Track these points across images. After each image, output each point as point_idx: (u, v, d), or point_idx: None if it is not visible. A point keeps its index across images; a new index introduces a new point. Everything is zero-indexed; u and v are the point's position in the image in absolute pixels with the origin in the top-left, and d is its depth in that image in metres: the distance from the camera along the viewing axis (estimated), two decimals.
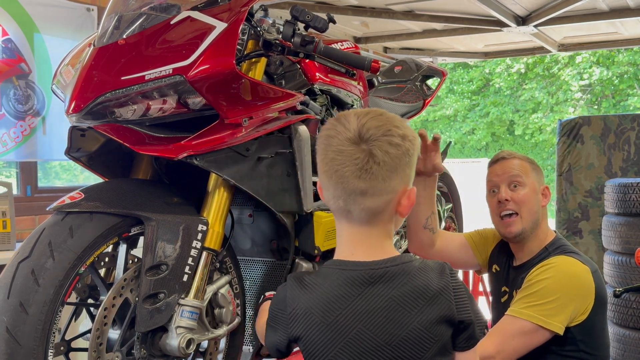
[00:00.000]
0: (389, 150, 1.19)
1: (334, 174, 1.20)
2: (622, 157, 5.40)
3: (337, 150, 1.20)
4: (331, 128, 1.23)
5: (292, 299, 1.23)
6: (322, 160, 1.24)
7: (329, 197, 1.25)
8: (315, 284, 1.23)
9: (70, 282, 1.43)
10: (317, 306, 1.21)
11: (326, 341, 1.19)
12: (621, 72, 15.59)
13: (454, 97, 18.04)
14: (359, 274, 1.21)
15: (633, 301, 3.82)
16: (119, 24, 1.64)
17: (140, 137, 1.59)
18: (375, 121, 1.20)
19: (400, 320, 1.20)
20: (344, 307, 1.20)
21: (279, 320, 1.26)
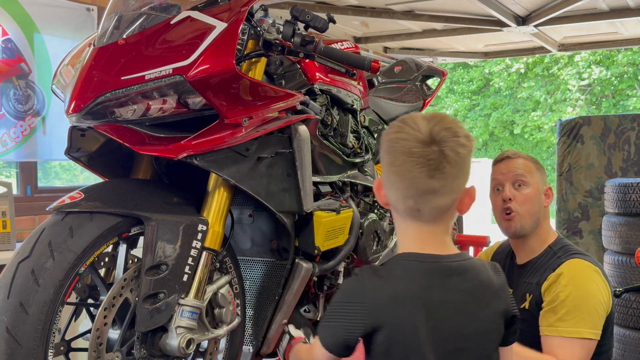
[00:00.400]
0: (458, 151, 1.24)
1: (407, 175, 1.24)
2: (622, 157, 5.40)
3: (409, 152, 1.23)
4: (400, 131, 1.26)
5: (373, 289, 1.24)
6: (392, 162, 1.27)
7: (397, 197, 1.29)
8: (394, 275, 1.26)
9: (70, 282, 1.43)
10: (402, 295, 1.23)
11: (413, 329, 1.22)
12: (621, 72, 15.59)
13: (454, 97, 18.04)
14: (438, 266, 1.27)
15: (633, 301, 3.82)
16: (119, 24, 1.64)
17: (140, 137, 1.59)
18: (443, 123, 1.26)
19: (471, 312, 1.26)
20: (426, 296, 1.24)
21: (351, 313, 1.24)
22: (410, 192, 1.25)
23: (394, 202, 1.30)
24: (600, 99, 16.37)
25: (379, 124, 2.65)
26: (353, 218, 2.07)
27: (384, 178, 1.31)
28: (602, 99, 16.33)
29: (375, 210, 2.36)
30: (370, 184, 2.29)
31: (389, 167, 1.28)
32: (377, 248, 2.30)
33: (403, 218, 1.30)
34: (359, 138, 2.27)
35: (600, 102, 16.33)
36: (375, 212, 2.33)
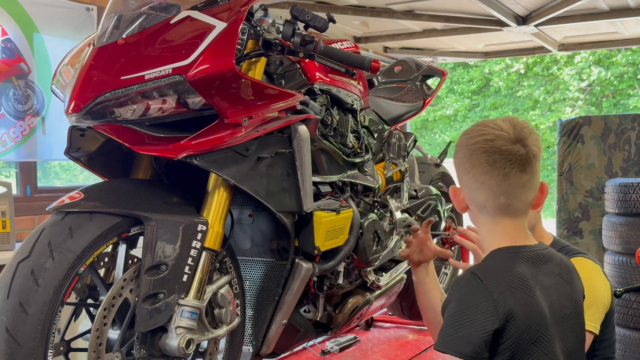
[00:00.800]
0: (538, 146, 1.36)
1: (500, 172, 1.33)
2: (622, 157, 5.40)
3: (500, 151, 1.33)
4: (484, 134, 1.35)
5: (493, 283, 1.27)
6: (481, 163, 1.35)
7: (486, 197, 1.36)
8: (504, 268, 1.31)
9: (70, 282, 1.43)
10: (522, 282, 1.29)
11: (540, 312, 1.28)
12: (621, 73, 15.58)
13: (454, 97, 18.03)
14: (534, 254, 1.36)
15: (633, 301, 3.82)
16: (119, 23, 1.64)
17: (140, 137, 1.59)
18: (519, 123, 1.37)
19: (566, 292, 1.37)
20: (537, 282, 1.31)
21: (480, 313, 1.25)
22: (503, 188, 1.33)
23: (482, 203, 1.37)
24: (601, 99, 16.37)
25: (379, 124, 2.65)
26: (353, 218, 2.07)
27: (467, 182, 1.39)
28: (603, 99, 16.33)
29: (375, 210, 2.36)
30: (370, 184, 2.28)
31: (477, 168, 1.35)
32: (377, 248, 2.29)
33: (492, 216, 1.38)
34: (359, 138, 2.27)
35: (601, 102, 16.33)
36: (375, 212, 2.33)
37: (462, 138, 1.40)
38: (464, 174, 1.39)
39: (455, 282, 1.34)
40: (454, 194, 1.45)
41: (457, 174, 1.43)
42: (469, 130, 1.40)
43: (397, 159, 2.56)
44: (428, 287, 2.01)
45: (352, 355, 2.69)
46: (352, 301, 2.34)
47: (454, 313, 1.28)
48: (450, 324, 1.27)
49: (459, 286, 1.31)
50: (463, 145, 1.39)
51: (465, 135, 1.40)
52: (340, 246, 2.04)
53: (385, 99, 2.89)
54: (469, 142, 1.37)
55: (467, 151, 1.37)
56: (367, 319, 3.05)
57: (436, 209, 2.92)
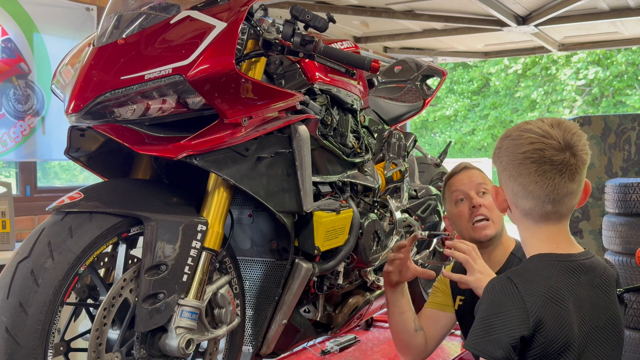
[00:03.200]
0: (587, 152, 1.36)
1: (549, 182, 1.32)
2: (622, 157, 5.40)
3: (551, 161, 1.32)
4: (534, 141, 1.33)
5: (528, 291, 1.28)
6: (529, 173, 1.33)
7: (534, 205, 1.35)
8: (543, 275, 1.31)
9: (70, 282, 1.43)
10: (556, 293, 1.29)
11: (569, 325, 1.28)
12: (620, 72, 15.58)
13: (454, 97, 18.03)
14: (575, 264, 1.34)
15: (633, 301, 3.81)
16: (119, 23, 1.64)
17: (139, 137, 1.59)
18: (569, 128, 1.35)
19: (603, 305, 1.36)
20: (572, 294, 1.31)
21: (511, 318, 1.26)
22: (551, 197, 1.33)
23: (527, 209, 1.36)
24: (600, 99, 16.36)
25: (379, 124, 2.65)
26: (353, 218, 2.07)
27: (512, 188, 1.37)
28: (602, 98, 16.32)
29: (375, 210, 2.36)
30: (370, 184, 2.28)
31: (526, 178, 1.34)
32: (377, 248, 2.29)
33: (536, 222, 1.37)
34: (358, 138, 2.27)
35: (600, 102, 16.32)
36: (375, 212, 2.33)
37: (507, 142, 1.37)
38: (508, 179, 1.37)
39: (490, 284, 1.34)
40: (495, 194, 1.44)
41: (499, 177, 1.42)
42: (514, 135, 1.37)
43: (397, 159, 2.56)
44: (403, 309, 2.01)
45: (352, 355, 2.69)
46: (352, 301, 2.34)
47: (487, 316, 1.29)
48: (481, 326, 1.29)
49: (493, 289, 1.32)
50: (509, 151, 1.36)
51: (510, 139, 1.37)
52: (340, 246, 2.04)
53: (385, 99, 2.89)
54: (516, 149, 1.35)
55: (514, 158, 1.35)
56: (367, 319, 3.05)
57: (436, 209, 2.92)
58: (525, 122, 1.40)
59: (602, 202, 4.96)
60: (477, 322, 1.30)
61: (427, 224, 2.85)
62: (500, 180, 1.43)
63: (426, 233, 2.75)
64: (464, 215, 2.04)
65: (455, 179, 2.10)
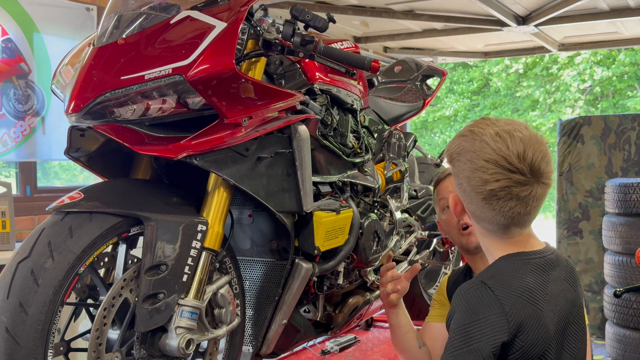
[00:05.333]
0: (551, 170, 1.33)
1: (516, 213, 1.29)
2: (622, 157, 5.40)
3: (518, 197, 1.28)
4: (499, 178, 1.27)
5: (504, 295, 1.22)
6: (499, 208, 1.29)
7: (498, 227, 1.31)
8: (514, 277, 1.26)
9: (70, 282, 1.43)
10: (531, 293, 1.25)
11: (545, 325, 1.24)
12: (621, 73, 15.57)
13: (454, 97, 18.02)
14: (543, 261, 1.31)
15: (633, 301, 3.82)
16: (119, 23, 1.64)
17: (139, 137, 1.59)
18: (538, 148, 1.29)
19: (572, 298, 1.33)
20: (545, 292, 1.27)
21: (490, 325, 1.20)
22: (517, 221, 1.30)
23: (489, 229, 1.33)
24: (600, 99, 16.36)
25: (379, 124, 2.65)
26: (353, 218, 2.07)
27: (478, 214, 1.32)
28: (602, 98, 16.31)
29: (375, 210, 2.36)
30: (370, 184, 2.28)
31: (493, 212, 1.29)
32: (377, 248, 2.29)
33: (500, 237, 1.34)
34: (359, 138, 2.27)
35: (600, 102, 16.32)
36: (375, 212, 2.33)
37: (470, 172, 1.30)
38: (470, 203, 1.32)
39: (462, 291, 1.27)
40: (454, 204, 1.38)
41: (458, 193, 1.35)
42: (477, 164, 1.29)
43: (397, 159, 2.56)
44: (405, 330, 2.00)
45: (352, 355, 2.69)
46: (352, 301, 2.34)
47: (463, 325, 1.22)
48: (459, 337, 1.21)
49: (467, 295, 1.25)
50: (472, 183, 1.30)
51: (472, 165, 1.30)
52: (340, 246, 2.04)
53: (385, 99, 2.89)
54: (481, 184, 1.28)
55: (478, 191, 1.29)
56: (367, 319, 3.05)
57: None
58: (484, 136, 1.30)
59: (602, 202, 4.96)
60: (453, 332, 1.23)
61: (427, 224, 2.85)
62: (458, 193, 1.36)
63: (426, 233, 2.76)
64: (452, 223, 2.03)
65: (441, 186, 2.07)
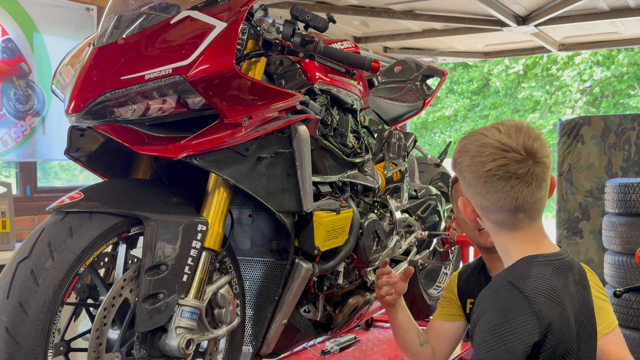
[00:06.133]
0: (548, 153, 1.37)
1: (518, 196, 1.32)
2: (622, 157, 5.40)
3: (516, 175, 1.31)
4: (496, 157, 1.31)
5: (533, 296, 1.25)
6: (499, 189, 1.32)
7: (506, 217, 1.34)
8: (540, 278, 1.29)
9: (70, 282, 1.43)
10: (556, 294, 1.28)
11: (570, 324, 1.28)
12: (621, 73, 15.56)
13: (453, 97, 18.02)
14: (561, 263, 1.34)
15: (633, 301, 3.82)
16: (119, 23, 1.64)
17: (139, 137, 1.59)
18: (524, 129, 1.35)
19: (585, 300, 1.37)
20: (567, 293, 1.31)
21: (521, 325, 1.23)
22: (522, 208, 1.32)
23: (500, 222, 1.35)
24: (600, 99, 16.36)
25: (379, 124, 2.65)
26: (353, 218, 2.07)
27: (481, 203, 1.36)
28: (602, 98, 16.31)
29: (375, 210, 2.36)
30: (370, 184, 2.28)
31: (494, 194, 1.32)
32: (377, 248, 2.29)
33: (511, 230, 1.36)
34: (359, 138, 2.27)
35: (600, 102, 16.32)
36: (375, 212, 2.33)
37: (468, 160, 1.35)
38: (475, 195, 1.36)
39: (489, 292, 1.30)
40: (464, 207, 1.41)
41: (464, 190, 1.40)
42: (473, 151, 1.34)
43: (397, 159, 2.56)
44: (406, 328, 2.03)
45: (352, 355, 2.69)
46: (352, 301, 2.34)
47: (494, 326, 1.24)
48: (492, 337, 1.23)
49: (496, 296, 1.28)
50: (472, 169, 1.34)
51: (470, 156, 1.35)
52: (340, 246, 2.04)
53: (385, 99, 2.89)
54: (479, 167, 1.33)
55: (478, 176, 1.33)
56: (367, 319, 3.05)
57: (436, 209, 2.92)
58: (479, 132, 1.38)
59: (602, 202, 4.96)
60: (485, 332, 1.25)
61: (427, 224, 2.85)
62: (465, 193, 1.40)
63: (426, 233, 2.76)
64: (468, 222, 2.03)
65: (459, 186, 2.08)
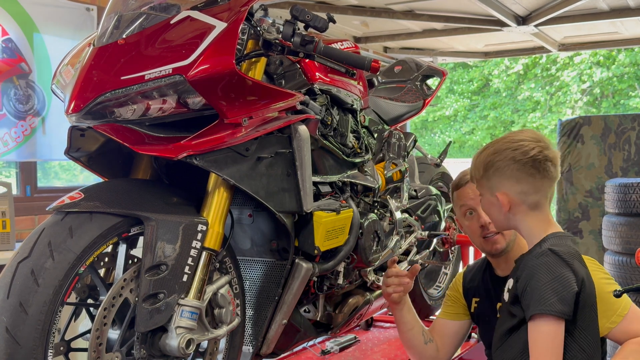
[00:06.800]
0: None
1: (552, 175, 1.69)
2: (622, 157, 5.40)
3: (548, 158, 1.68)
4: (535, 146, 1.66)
5: (568, 258, 1.58)
6: (542, 170, 1.67)
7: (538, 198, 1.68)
8: (567, 247, 1.62)
9: (70, 282, 1.43)
10: (580, 260, 1.63)
11: (592, 285, 1.61)
12: (621, 73, 15.56)
13: (454, 97, 18.02)
14: (573, 238, 1.72)
15: (633, 301, 3.81)
16: (119, 23, 1.64)
17: (140, 137, 1.59)
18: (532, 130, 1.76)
19: None
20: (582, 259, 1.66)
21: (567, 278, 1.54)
22: (551, 189, 1.70)
23: (534, 203, 1.68)
24: (600, 99, 16.35)
25: (379, 124, 2.65)
26: (353, 218, 2.07)
27: (522, 189, 1.66)
28: (602, 99, 16.30)
29: (375, 210, 2.36)
30: (370, 184, 2.28)
31: (536, 177, 1.66)
32: (377, 248, 2.29)
33: (539, 211, 1.69)
34: (359, 138, 2.27)
35: (600, 102, 16.31)
36: (375, 212, 2.33)
37: (509, 153, 1.66)
38: (516, 183, 1.66)
39: (535, 260, 1.58)
40: (505, 199, 1.67)
41: (503, 185, 1.67)
42: (513, 146, 1.66)
43: (397, 159, 2.56)
44: (411, 326, 2.06)
45: (352, 355, 2.69)
46: (352, 301, 2.34)
47: (547, 282, 1.53)
48: (547, 291, 1.52)
49: (541, 261, 1.57)
50: (516, 159, 1.65)
51: (511, 150, 1.66)
52: (340, 246, 2.04)
53: (385, 99, 2.89)
54: (523, 155, 1.65)
55: (524, 164, 1.65)
56: (367, 319, 3.05)
57: (436, 209, 2.92)
58: (507, 136, 1.72)
59: (602, 202, 4.96)
60: (540, 289, 1.52)
61: (427, 224, 2.85)
62: (502, 187, 1.68)
63: (426, 233, 2.76)
64: (474, 231, 2.05)
65: (461, 192, 2.08)
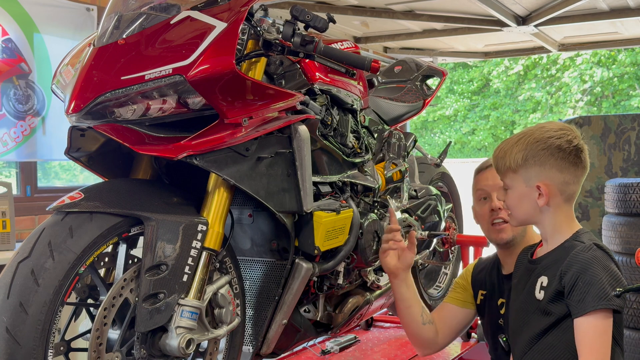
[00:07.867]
0: None
1: (586, 165, 1.70)
2: (622, 157, 5.40)
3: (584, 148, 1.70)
4: (574, 137, 1.68)
5: (610, 253, 1.65)
6: (583, 159, 1.69)
7: (576, 188, 1.70)
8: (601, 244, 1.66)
9: (70, 282, 1.43)
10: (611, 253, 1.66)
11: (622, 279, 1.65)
12: (622, 73, 15.55)
13: (454, 97, 18.02)
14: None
15: (633, 301, 3.82)
16: (119, 23, 1.64)
17: (140, 137, 1.59)
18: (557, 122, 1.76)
19: None
20: None
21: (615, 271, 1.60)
22: (585, 176, 1.70)
23: (571, 193, 1.69)
24: (601, 99, 16.35)
25: (379, 124, 2.65)
26: (353, 218, 2.07)
27: (564, 178, 1.66)
28: (602, 98, 16.30)
29: (375, 210, 2.36)
30: (370, 184, 2.28)
31: (578, 165, 1.67)
32: (377, 248, 2.29)
33: (571, 204, 1.71)
34: (359, 138, 2.27)
35: (601, 102, 16.31)
36: (375, 212, 2.33)
37: (552, 141, 1.65)
38: (559, 172, 1.66)
39: (587, 254, 1.58)
40: (546, 189, 1.65)
41: (545, 176, 1.65)
42: (555, 135, 1.66)
43: (397, 159, 2.56)
44: (409, 303, 2.04)
45: (352, 355, 2.70)
46: (352, 301, 2.34)
47: (602, 276, 1.56)
48: (604, 285, 1.55)
49: (591, 255, 1.59)
50: (561, 148, 1.65)
51: (554, 139, 1.65)
52: (340, 246, 2.04)
53: (385, 99, 2.89)
54: (567, 145, 1.65)
55: (567, 154, 1.65)
56: (367, 319, 3.06)
57: (436, 209, 2.92)
58: (542, 127, 1.70)
59: (602, 202, 4.96)
60: (596, 284, 1.54)
61: (427, 224, 2.85)
62: (540, 178, 1.65)
63: (426, 233, 2.76)
64: (485, 215, 2.05)
65: (481, 176, 2.08)
